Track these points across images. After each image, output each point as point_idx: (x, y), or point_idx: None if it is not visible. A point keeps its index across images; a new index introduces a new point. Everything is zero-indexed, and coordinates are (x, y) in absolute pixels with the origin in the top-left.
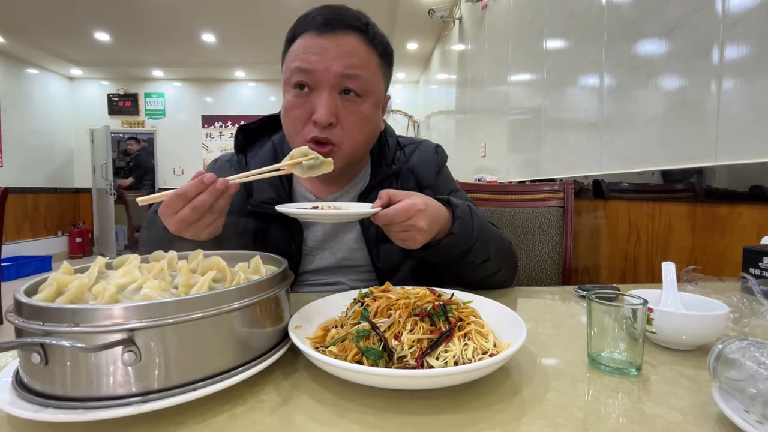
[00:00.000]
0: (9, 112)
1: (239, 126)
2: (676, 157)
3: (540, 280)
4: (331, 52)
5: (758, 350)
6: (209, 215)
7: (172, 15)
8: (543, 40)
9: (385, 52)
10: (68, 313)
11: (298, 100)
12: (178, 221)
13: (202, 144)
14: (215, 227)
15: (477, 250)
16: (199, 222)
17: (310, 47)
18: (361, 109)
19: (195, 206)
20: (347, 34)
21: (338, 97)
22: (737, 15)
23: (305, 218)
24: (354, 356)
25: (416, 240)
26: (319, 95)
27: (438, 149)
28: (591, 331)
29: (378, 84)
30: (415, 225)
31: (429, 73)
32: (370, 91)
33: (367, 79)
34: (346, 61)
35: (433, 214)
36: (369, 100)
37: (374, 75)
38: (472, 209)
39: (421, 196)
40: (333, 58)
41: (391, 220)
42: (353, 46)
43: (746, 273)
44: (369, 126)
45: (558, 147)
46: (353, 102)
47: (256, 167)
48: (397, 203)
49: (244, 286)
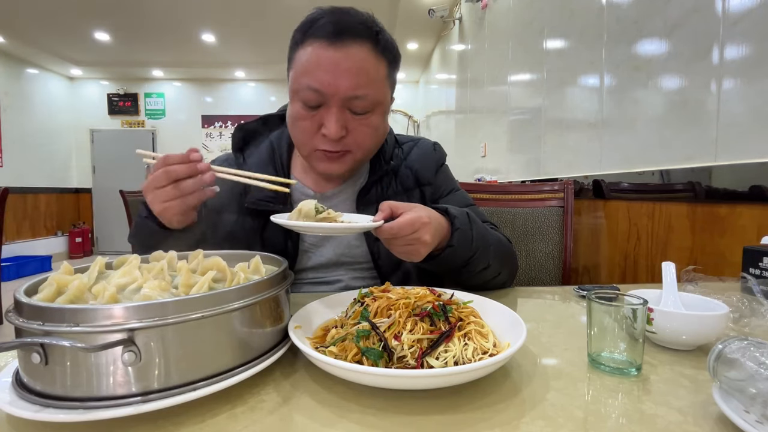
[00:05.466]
0: (9, 112)
1: (238, 125)
2: (676, 157)
3: (540, 280)
4: (341, 68)
5: (758, 350)
6: (172, 188)
7: (172, 15)
8: (543, 40)
9: (394, 60)
10: (68, 313)
11: (307, 113)
12: (150, 180)
13: (202, 144)
14: (172, 208)
15: (476, 260)
16: (162, 189)
17: (321, 62)
18: (370, 121)
19: (167, 171)
20: (358, 45)
21: (347, 111)
22: (737, 15)
23: (304, 231)
24: (354, 356)
25: (419, 253)
26: (329, 110)
27: (436, 146)
28: (591, 331)
29: (386, 95)
30: (419, 239)
31: (429, 73)
32: (378, 105)
33: (375, 95)
34: (355, 80)
35: (437, 225)
36: (377, 112)
37: (382, 87)
38: (470, 218)
39: (424, 209)
40: (343, 75)
41: (395, 234)
42: (363, 60)
43: (746, 273)
44: (378, 134)
45: (558, 147)
46: (362, 116)
47: (254, 165)
48: (401, 216)
49: (244, 286)
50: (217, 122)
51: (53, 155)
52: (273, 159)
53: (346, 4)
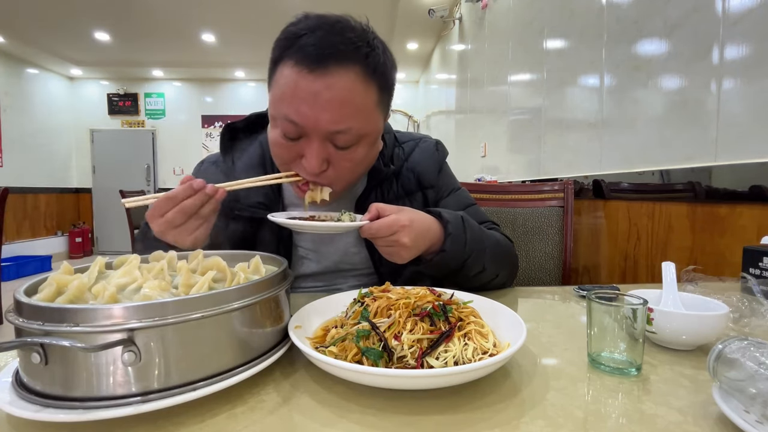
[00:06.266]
0: (9, 112)
1: (226, 124)
2: (676, 157)
3: (540, 280)
4: (322, 99)
5: (758, 350)
6: (194, 220)
7: (172, 15)
8: (543, 40)
9: (386, 85)
10: (68, 313)
11: (286, 142)
12: (164, 223)
13: (202, 144)
14: (200, 234)
15: (471, 264)
16: (183, 225)
17: (299, 92)
18: (354, 155)
19: (182, 208)
20: (343, 71)
21: (329, 144)
22: (737, 15)
23: (293, 228)
24: (354, 356)
25: (401, 255)
26: (309, 144)
27: (439, 146)
28: (591, 331)
29: (375, 124)
30: (398, 241)
31: (429, 73)
32: (364, 137)
33: (361, 127)
34: (338, 113)
35: (420, 229)
36: (363, 144)
37: (370, 116)
38: (465, 221)
39: (410, 212)
40: (324, 108)
41: (374, 234)
42: (348, 90)
43: (746, 273)
44: (363, 165)
45: (558, 147)
46: (345, 150)
47: (243, 168)
48: (383, 218)
49: (244, 286)
50: (217, 122)
51: (53, 155)
52: (263, 162)
53: (348, 7)
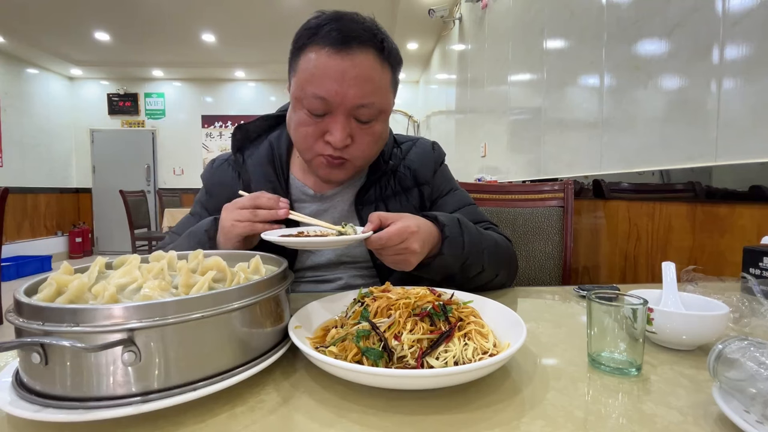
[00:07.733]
0: (9, 112)
1: (237, 125)
2: (676, 157)
3: (540, 280)
4: (348, 76)
5: (758, 350)
6: (249, 225)
7: (171, 15)
8: (543, 40)
9: (397, 65)
10: (68, 313)
11: (312, 120)
12: (233, 208)
13: (202, 144)
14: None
15: (469, 266)
16: (242, 223)
17: (328, 70)
18: (374, 129)
19: (257, 204)
20: (364, 52)
21: (353, 119)
22: (737, 15)
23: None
24: (354, 356)
25: (409, 262)
26: (334, 119)
27: (435, 146)
28: (591, 331)
29: (389, 102)
30: (408, 248)
31: (429, 73)
32: (382, 112)
33: (381, 103)
34: (362, 88)
35: (425, 234)
36: (381, 119)
37: (386, 94)
38: (461, 224)
39: (413, 218)
40: (350, 84)
41: (384, 244)
42: (370, 68)
43: (746, 273)
44: (381, 141)
45: (558, 147)
46: (367, 124)
47: (253, 166)
48: (389, 226)
49: (244, 286)
50: (217, 122)
51: (53, 155)
52: (272, 159)
53: (348, 6)
